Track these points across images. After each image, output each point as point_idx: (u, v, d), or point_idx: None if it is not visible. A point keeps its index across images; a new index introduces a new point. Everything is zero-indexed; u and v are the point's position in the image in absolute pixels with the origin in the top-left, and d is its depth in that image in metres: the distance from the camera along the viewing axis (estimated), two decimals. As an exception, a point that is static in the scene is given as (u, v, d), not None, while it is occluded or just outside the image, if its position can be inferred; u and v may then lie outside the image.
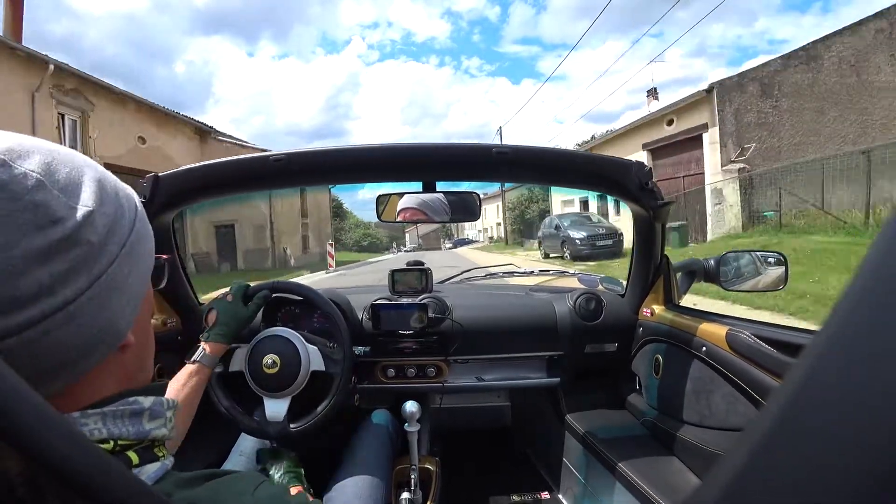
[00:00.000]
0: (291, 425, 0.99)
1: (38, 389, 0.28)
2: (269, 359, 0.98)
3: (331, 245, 14.22)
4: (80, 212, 0.30)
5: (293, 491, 0.38)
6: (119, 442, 0.32)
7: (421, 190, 1.10)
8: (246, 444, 1.09)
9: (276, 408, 0.99)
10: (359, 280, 9.04)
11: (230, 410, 1.01)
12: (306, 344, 1.02)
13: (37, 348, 0.28)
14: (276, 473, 0.95)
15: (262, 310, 1.23)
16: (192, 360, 0.84)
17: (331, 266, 12.21)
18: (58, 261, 0.29)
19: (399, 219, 1.13)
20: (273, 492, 0.35)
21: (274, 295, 1.21)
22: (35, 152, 0.30)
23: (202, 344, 0.87)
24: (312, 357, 1.02)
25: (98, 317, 0.31)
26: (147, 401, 0.35)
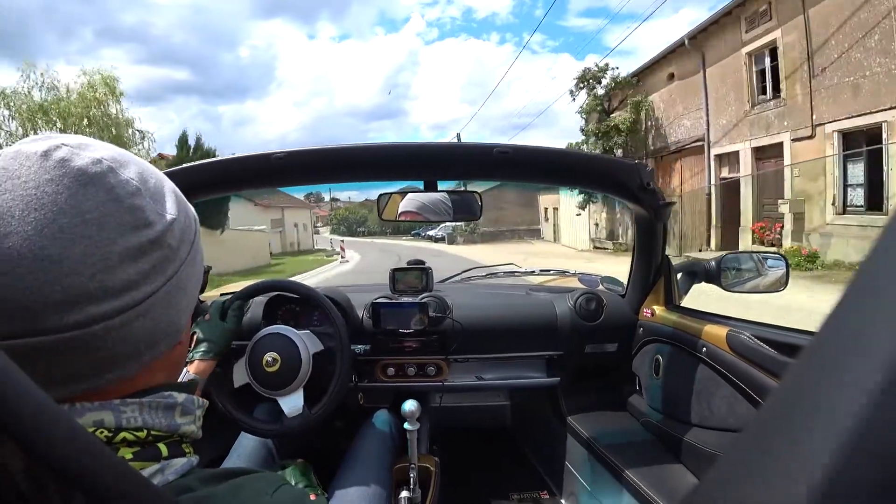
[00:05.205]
0: (312, 412, 1.00)
1: (107, 374, 0.31)
2: (268, 357, 0.98)
3: (342, 241, 16.19)
4: (167, 218, 0.34)
5: (311, 497, 0.38)
6: (152, 432, 0.33)
7: (423, 189, 1.10)
8: (246, 444, 1.09)
9: (292, 402, 0.99)
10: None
11: (239, 418, 1.01)
12: (296, 332, 1.03)
13: (115, 336, 0.31)
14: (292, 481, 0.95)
15: (262, 310, 1.24)
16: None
17: (342, 258, 13.91)
18: (144, 260, 0.32)
19: (401, 218, 1.13)
20: (293, 494, 0.35)
21: (273, 294, 1.22)
22: (131, 162, 0.34)
23: (186, 367, 0.87)
24: (308, 341, 1.02)
25: (166, 314, 0.34)
26: (180, 396, 0.36)
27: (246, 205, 19.85)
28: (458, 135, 20.92)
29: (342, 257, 14.02)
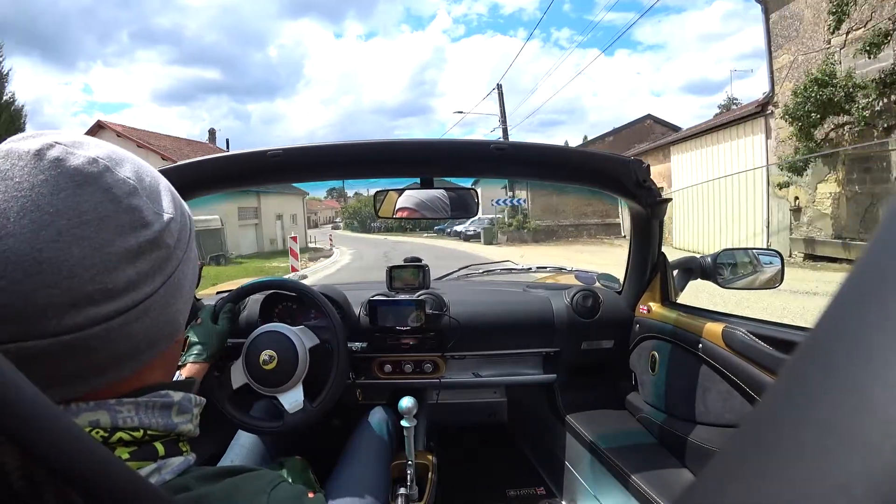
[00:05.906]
0: (313, 406, 1.00)
1: (107, 375, 0.31)
2: (264, 355, 0.98)
3: (293, 240, 8.58)
4: (164, 218, 0.34)
5: (310, 495, 0.38)
6: (149, 432, 0.33)
7: (419, 186, 1.10)
8: (243, 441, 1.09)
9: (292, 398, 0.99)
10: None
11: (241, 419, 1.00)
12: (291, 328, 1.03)
13: (115, 337, 0.31)
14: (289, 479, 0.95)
15: (259, 309, 1.24)
16: None
17: (294, 269, 7.91)
18: (143, 260, 0.32)
19: (398, 215, 1.13)
20: (290, 492, 0.35)
21: (268, 293, 1.21)
22: (126, 160, 0.34)
23: (179, 371, 0.86)
24: (303, 336, 1.02)
25: (165, 313, 0.35)
26: (177, 395, 0.36)
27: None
28: (500, 85, 16.94)
29: (292, 268, 7.96)
